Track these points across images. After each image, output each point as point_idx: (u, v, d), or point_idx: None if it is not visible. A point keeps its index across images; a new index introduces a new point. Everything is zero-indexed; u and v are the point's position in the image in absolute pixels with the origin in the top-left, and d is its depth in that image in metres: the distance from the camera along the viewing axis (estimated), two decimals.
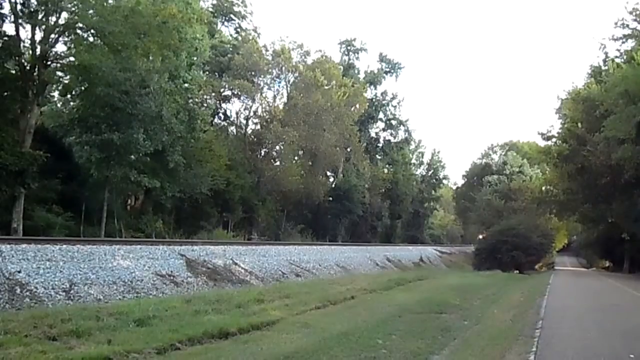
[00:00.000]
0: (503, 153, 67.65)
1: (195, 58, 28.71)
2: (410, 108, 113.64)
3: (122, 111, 21.84)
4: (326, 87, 43.18)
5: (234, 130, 43.11)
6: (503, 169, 60.95)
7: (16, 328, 7.16)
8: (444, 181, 73.60)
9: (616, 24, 29.27)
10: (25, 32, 20.29)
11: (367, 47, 56.68)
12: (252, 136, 42.19)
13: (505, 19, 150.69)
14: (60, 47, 21.11)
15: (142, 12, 21.10)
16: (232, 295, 11.80)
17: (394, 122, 59.55)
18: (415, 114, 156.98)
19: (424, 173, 70.37)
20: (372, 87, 56.28)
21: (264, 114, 42.49)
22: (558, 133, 38.36)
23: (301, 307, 11.23)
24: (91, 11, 20.45)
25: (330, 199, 44.06)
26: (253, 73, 40.24)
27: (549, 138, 39.83)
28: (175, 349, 7.14)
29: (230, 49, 40.45)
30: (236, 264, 17.23)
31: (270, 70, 41.78)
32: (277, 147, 42.28)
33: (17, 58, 20.10)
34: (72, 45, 21.07)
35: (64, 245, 12.90)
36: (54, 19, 20.50)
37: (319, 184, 43.13)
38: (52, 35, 20.38)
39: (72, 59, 21.06)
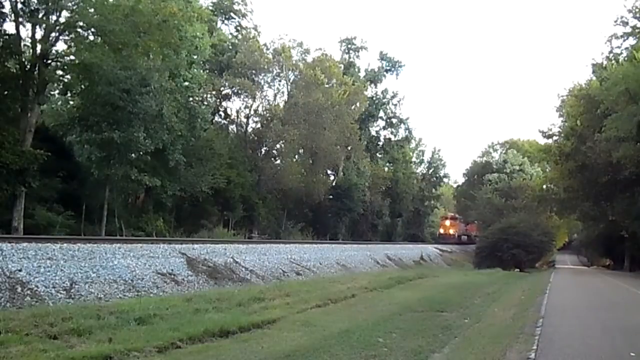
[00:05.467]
0: (503, 151, 67.50)
1: (195, 56, 28.70)
2: (411, 106, 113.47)
3: (123, 110, 21.84)
4: (326, 86, 43.13)
5: (235, 129, 43.07)
6: (503, 167, 60.84)
7: (17, 327, 7.17)
8: (445, 179, 73.45)
9: (616, 21, 29.20)
10: (25, 31, 20.36)
11: (367, 46, 56.61)
12: (253, 135, 42.17)
13: (505, 17, 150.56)
14: (60, 46, 21.18)
15: (142, 11, 21.09)
16: (232, 293, 11.81)
17: (394, 121, 59.48)
18: (416, 112, 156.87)
19: (425, 171, 70.24)
20: (372, 85, 56.21)
21: (265, 113, 42.47)
22: (559, 131, 38.34)
23: (302, 305, 11.24)
24: (91, 10, 20.45)
25: (331, 197, 44.05)
26: (254, 71, 40.21)
27: (549, 136, 39.84)
28: (176, 348, 7.15)
29: (230, 48, 40.41)
30: (237, 262, 17.23)
31: (270, 68, 41.76)
32: (278, 146, 42.28)
33: (17, 57, 20.09)
34: (73, 44, 21.08)
35: (65, 244, 12.89)
36: (54, 17, 20.51)
37: (320, 182, 43.11)
38: (53, 34, 20.39)
39: (72, 57, 21.06)
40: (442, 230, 61.50)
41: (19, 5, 19.70)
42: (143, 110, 22.37)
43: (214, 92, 38.15)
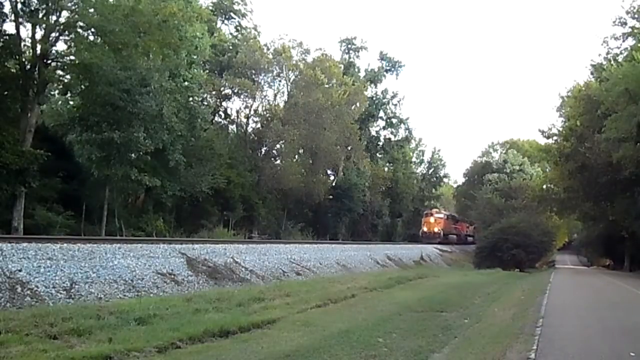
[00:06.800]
0: (503, 151, 67.53)
1: (195, 56, 28.75)
2: (411, 106, 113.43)
3: (123, 110, 21.84)
4: (326, 86, 43.17)
5: (235, 129, 43.15)
6: (503, 167, 60.88)
7: (17, 327, 7.18)
8: (445, 179, 73.50)
9: (614, 22, 29.20)
10: (25, 31, 20.38)
11: (367, 46, 56.84)
12: (253, 135, 42.22)
13: (505, 17, 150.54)
14: (60, 46, 21.20)
15: (142, 11, 21.13)
16: (232, 293, 11.82)
17: (394, 121, 59.53)
18: (416, 112, 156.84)
19: (425, 171, 70.31)
20: (372, 85, 56.24)
21: (265, 113, 42.52)
22: (559, 131, 38.32)
23: (302, 305, 11.25)
24: (92, 10, 20.47)
25: (331, 197, 44.04)
26: (254, 71, 40.26)
27: (549, 136, 39.78)
28: (176, 348, 7.16)
29: (231, 48, 40.45)
30: (237, 262, 17.22)
31: (270, 68, 41.79)
32: (278, 146, 42.32)
33: (17, 57, 20.11)
34: (73, 44, 21.09)
35: (65, 244, 12.87)
36: (54, 17, 20.53)
37: (320, 182, 43.10)
38: (53, 34, 20.40)
39: (72, 57, 21.08)
40: (425, 228, 53.50)
41: (19, 5, 19.71)
42: (143, 110, 22.36)
43: (214, 92, 38.18)
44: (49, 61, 20.52)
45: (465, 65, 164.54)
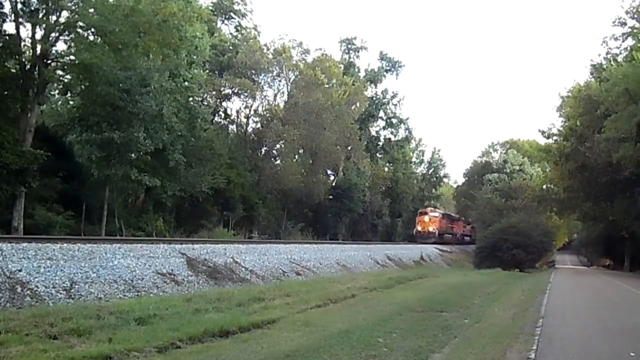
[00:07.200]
0: (503, 151, 67.52)
1: (195, 56, 28.75)
2: (411, 106, 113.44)
3: (123, 110, 21.84)
4: (326, 86, 43.19)
5: (235, 129, 43.16)
6: (503, 167, 60.86)
7: (17, 327, 7.18)
8: (445, 179, 73.58)
9: (614, 22, 29.21)
10: (25, 31, 20.38)
11: (367, 46, 56.95)
12: (253, 135, 42.24)
13: (505, 16, 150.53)
14: (60, 46, 21.21)
15: (142, 11, 21.12)
16: (232, 293, 11.83)
17: (394, 121, 59.56)
18: (416, 113, 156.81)
19: (425, 171, 70.36)
20: (372, 85, 56.27)
21: (265, 113, 42.54)
22: (559, 131, 38.31)
23: (302, 305, 11.26)
24: (92, 10, 20.47)
25: (331, 197, 44.05)
26: (254, 71, 40.28)
27: (549, 136, 39.75)
28: (176, 348, 7.17)
29: (231, 48, 40.47)
30: (237, 262, 17.22)
31: (270, 68, 41.82)
32: (278, 146, 42.33)
33: (17, 57, 20.10)
34: (73, 44, 21.10)
35: (65, 244, 12.88)
36: (54, 17, 20.54)
37: (320, 182, 43.11)
38: (53, 34, 20.40)
39: (72, 57, 21.08)
40: (419, 227, 51.68)
41: (19, 5, 19.72)
42: (143, 110, 22.36)
43: (214, 92, 38.17)
44: (49, 61, 20.52)
45: (465, 65, 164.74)
